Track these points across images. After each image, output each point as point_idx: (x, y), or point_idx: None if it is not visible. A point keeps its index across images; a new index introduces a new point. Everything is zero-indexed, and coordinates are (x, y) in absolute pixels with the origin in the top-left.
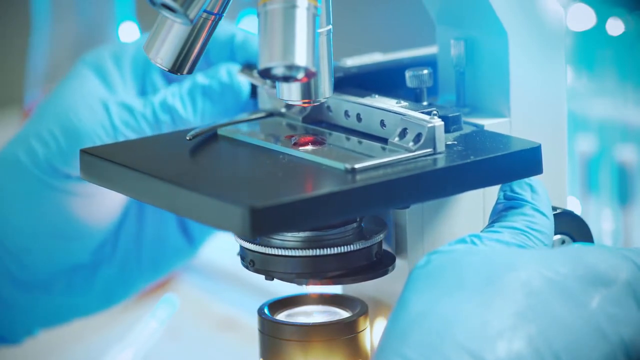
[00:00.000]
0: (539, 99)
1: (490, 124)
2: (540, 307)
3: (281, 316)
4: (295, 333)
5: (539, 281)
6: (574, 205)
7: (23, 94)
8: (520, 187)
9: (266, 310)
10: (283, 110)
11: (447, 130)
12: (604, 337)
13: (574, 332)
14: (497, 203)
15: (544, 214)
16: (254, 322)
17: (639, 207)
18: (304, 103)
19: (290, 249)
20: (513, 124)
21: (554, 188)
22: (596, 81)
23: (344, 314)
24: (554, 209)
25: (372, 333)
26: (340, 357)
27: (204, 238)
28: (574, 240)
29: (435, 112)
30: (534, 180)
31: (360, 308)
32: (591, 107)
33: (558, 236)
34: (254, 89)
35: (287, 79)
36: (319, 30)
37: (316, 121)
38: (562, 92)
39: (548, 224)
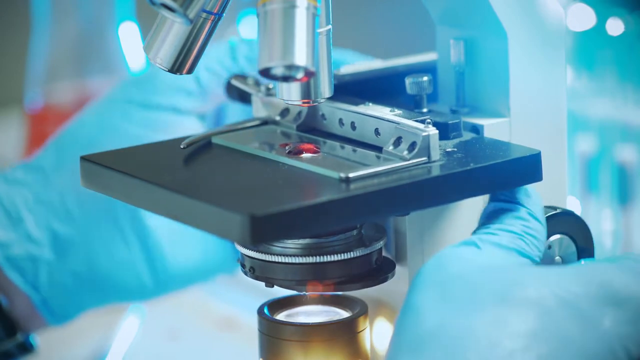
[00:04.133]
0: (539, 99)
1: (490, 124)
2: (553, 328)
3: (281, 316)
4: (295, 333)
5: (552, 301)
6: (574, 205)
7: (23, 94)
8: (515, 189)
9: (266, 310)
10: (277, 118)
11: (446, 137)
12: (615, 358)
13: (585, 353)
14: (489, 202)
15: (538, 220)
16: (254, 322)
17: (639, 207)
18: (304, 103)
19: (291, 256)
20: (513, 124)
21: (554, 188)
22: (596, 81)
23: (344, 314)
24: (554, 208)
25: (372, 333)
26: (340, 357)
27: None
28: (574, 240)
29: (429, 120)
30: (529, 188)
31: (360, 308)
32: (591, 107)
33: (558, 236)
34: (247, 97)
35: (286, 79)
36: (319, 30)
37: (310, 129)
38: (562, 92)
39: (542, 230)
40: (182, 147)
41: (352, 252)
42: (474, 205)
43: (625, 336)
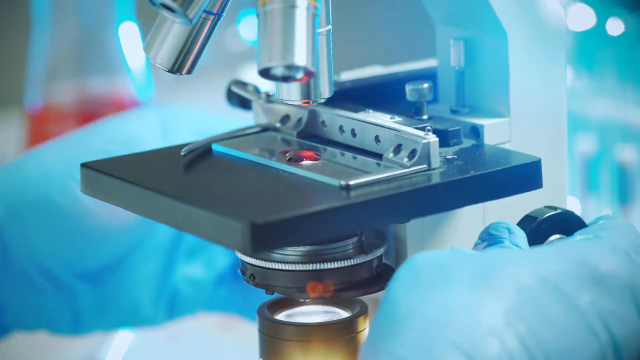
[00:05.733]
0: (539, 99)
1: (489, 124)
2: (531, 305)
3: (281, 316)
4: (295, 333)
5: (529, 278)
6: (574, 205)
7: (23, 94)
8: (497, 230)
9: (266, 310)
10: (277, 125)
11: (447, 144)
12: (594, 335)
13: (564, 330)
14: (475, 245)
15: (522, 249)
16: (254, 322)
17: (639, 207)
18: (304, 103)
19: (291, 263)
20: (513, 124)
21: (554, 188)
22: (596, 81)
23: (343, 314)
24: (554, 208)
25: None
26: (340, 357)
27: None
28: None
29: (429, 127)
30: (510, 223)
31: (360, 308)
32: (591, 107)
33: (557, 236)
34: (248, 103)
35: (286, 79)
36: (319, 30)
37: (311, 136)
38: (562, 92)
39: None
40: (182, 153)
41: (352, 259)
42: (474, 213)
43: (605, 313)
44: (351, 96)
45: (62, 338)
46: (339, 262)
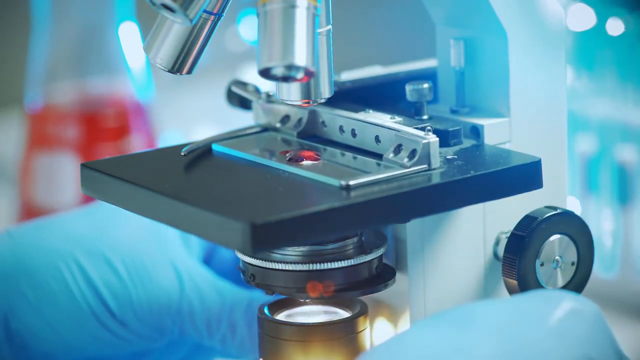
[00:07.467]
0: (539, 99)
1: (489, 124)
2: (506, 327)
3: (281, 316)
4: (295, 333)
5: (500, 308)
6: (574, 205)
7: (23, 94)
8: None
9: (266, 310)
10: (278, 125)
11: (447, 145)
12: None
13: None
14: None
15: None
16: None
17: (639, 207)
18: (304, 103)
19: (291, 263)
20: (513, 124)
21: (554, 188)
22: (596, 81)
23: (344, 314)
24: (554, 208)
25: (372, 333)
26: (340, 357)
27: None
28: (574, 240)
29: (429, 127)
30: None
31: (360, 308)
32: (591, 107)
33: (557, 236)
34: (248, 103)
35: (286, 79)
36: (319, 30)
37: (311, 136)
38: (562, 92)
39: None
40: (182, 154)
41: (352, 260)
42: (474, 213)
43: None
44: (351, 96)
45: None
46: (339, 262)
